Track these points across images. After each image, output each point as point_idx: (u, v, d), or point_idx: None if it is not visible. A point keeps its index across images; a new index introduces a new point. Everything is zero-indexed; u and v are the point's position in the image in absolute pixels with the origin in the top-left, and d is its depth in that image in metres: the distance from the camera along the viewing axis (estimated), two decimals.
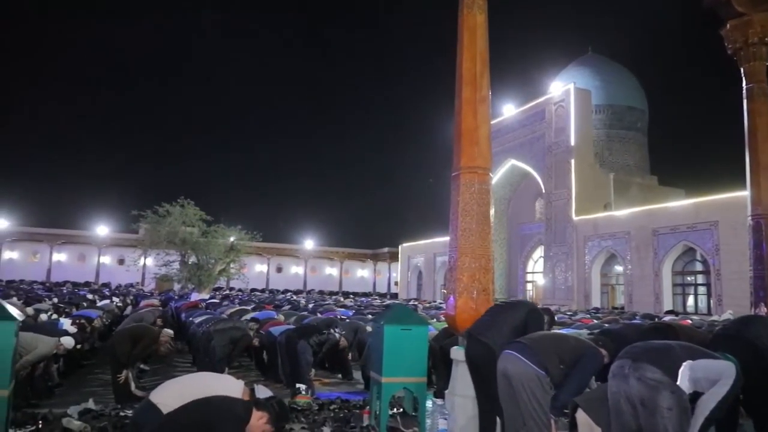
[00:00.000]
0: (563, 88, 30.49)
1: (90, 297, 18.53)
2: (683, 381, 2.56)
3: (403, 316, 5.51)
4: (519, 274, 35.36)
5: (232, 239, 27.69)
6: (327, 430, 5.17)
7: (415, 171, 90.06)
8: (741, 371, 2.77)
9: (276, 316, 10.33)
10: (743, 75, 8.65)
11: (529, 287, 35.08)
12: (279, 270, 54.37)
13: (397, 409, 6.00)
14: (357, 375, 8.55)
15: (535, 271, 34.44)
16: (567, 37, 71.25)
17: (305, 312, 13.01)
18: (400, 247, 46.67)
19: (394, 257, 51.16)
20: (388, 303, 23.51)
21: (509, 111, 33.60)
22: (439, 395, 6.69)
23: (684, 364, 2.63)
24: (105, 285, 38.09)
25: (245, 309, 11.94)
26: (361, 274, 58.81)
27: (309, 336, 7.38)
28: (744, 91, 8.63)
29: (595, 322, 11.46)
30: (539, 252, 33.21)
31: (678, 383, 2.57)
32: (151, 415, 3.37)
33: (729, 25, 8.70)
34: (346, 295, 35.37)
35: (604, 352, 3.80)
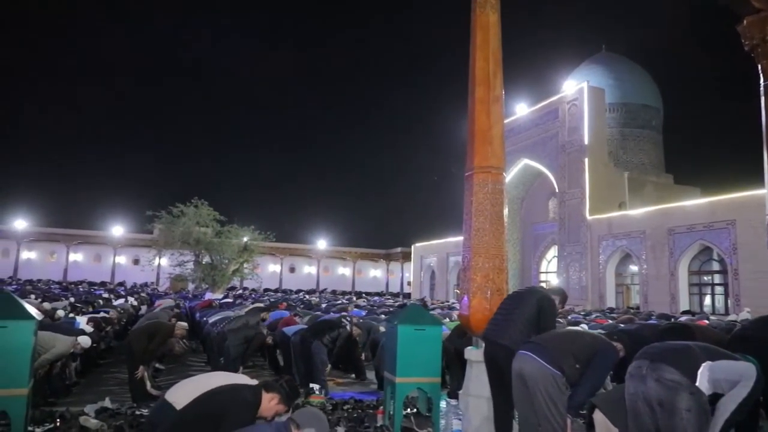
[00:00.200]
0: (577, 86, 30.25)
1: (105, 296, 18.76)
2: (702, 382, 2.52)
3: (417, 316, 5.51)
4: (532, 274, 35.15)
5: (245, 239, 27.84)
6: (341, 430, 5.18)
7: (428, 171, 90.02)
8: (762, 372, 2.72)
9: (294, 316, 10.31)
10: (761, 72, 8.51)
11: (543, 287, 34.76)
12: (292, 270, 54.58)
13: (411, 410, 5.99)
14: (370, 375, 8.56)
15: (549, 271, 34.21)
16: (580, 36, 70.78)
17: (318, 312, 13.04)
18: (412, 247, 46.59)
19: (406, 257, 51.10)
20: (400, 303, 23.50)
21: (522, 110, 33.41)
22: (453, 396, 6.67)
23: (703, 365, 2.58)
24: (120, 284, 38.51)
25: (259, 306, 11.97)
26: (374, 274, 58.84)
27: (322, 335, 7.40)
28: (762, 88, 8.48)
29: (610, 322, 11.36)
30: (553, 252, 32.99)
31: (697, 384, 2.53)
32: (167, 414, 3.41)
33: (746, 22, 8.55)
34: (358, 295, 35.36)
35: (619, 346, 3.76)
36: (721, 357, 2.71)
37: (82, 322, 8.00)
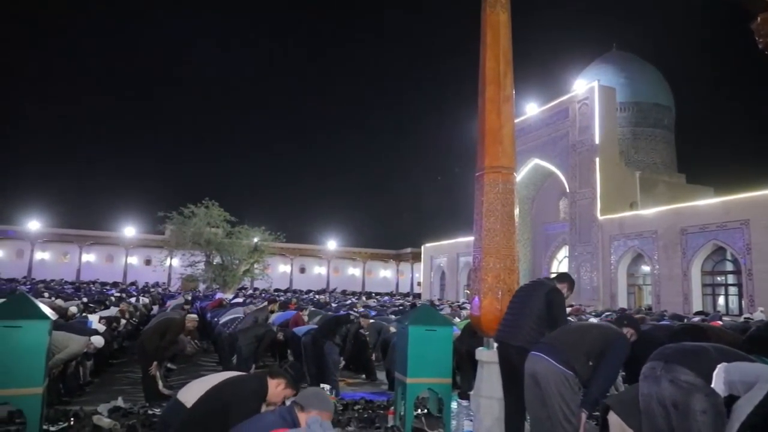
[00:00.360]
0: (587, 85, 30.06)
1: (117, 295, 18.93)
2: (718, 384, 2.48)
3: (428, 316, 5.50)
4: (543, 274, 34.94)
5: (255, 240, 27.95)
6: (351, 430, 5.18)
7: (438, 171, 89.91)
8: None
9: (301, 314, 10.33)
10: None
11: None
12: (302, 270, 54.70)
13: (422, 410, 5.99)
14: (381, 376, 8.56)
15: (560, 271, 34.04)
16: (591, 35, 70.23)
17: (329, 312, 13.05)
18: (422, 248, 46.52)
19: (416, 257, 51.04)
20: (406, 302, 23.48)
21: (532, 110, 33.25)
22: (464, 396, 6.66)
23: (718, 366, 2.54)
24: (132, 284, 38.84)
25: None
26: (384, 274, 58.83)
27: (333, 335, 7.41)
28: None
29: None
30: (564, 252, 32.80)
31: (712, 386, 2.50)
32: (178, 413, 3.45)
33: (759, 19, 8.48)
34: (368, 296, 35.39)
35: (629, 331, 3.75)
36: (737, 358, 2.67)
37: (94, 320, 8.07)
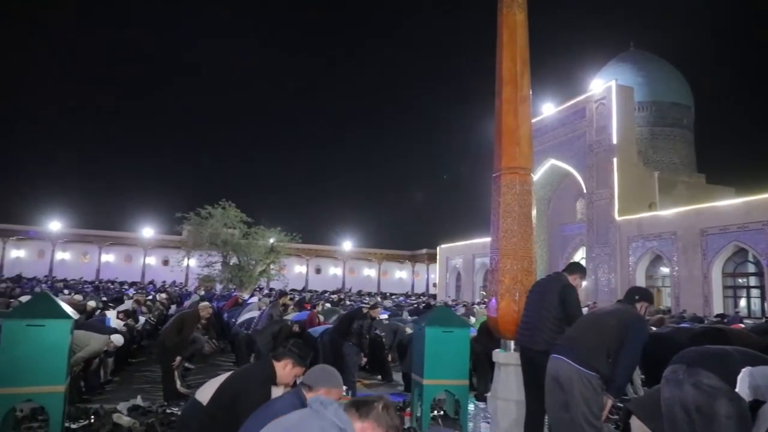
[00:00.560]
0: (604, 85, 29.74)
1: (133, 292, 19.23)
2: (742, 388, 2.43)
3: (445, 318, 5.49)
4: None
5: (272, 241, 28.07)
6: None
7: (454, 172, 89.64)
8: None
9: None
10: None
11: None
12: (318, 271, 54.86)
13: (438, 412, 5.97)
14: (397, 377, 8.55)
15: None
16: (608, 34, 69.61)
17: (343, 311, 13.08)
18: (438, 248, 46.39)
19: (432, 258, 50.91)
20: (420, 301, 23.42)
21: (549, 110, 32.99)
22: (481, 398, 6.62)
23: (743, 370, 2.49)
24: (150, 283, 39.39)
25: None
26: (399, 275, 58.75)
27: (349, 333, 7.41)
28: None
29: None
30: (581, 253, 32.47)
31: (736, 390, 2.45)
32: (196, 412, 3.50)
33: None
34: (384, 296, 35.41)
35: (643, 305, 3.75)
36: (762, 362, 2.62)
37: (112, 317, 8.18)
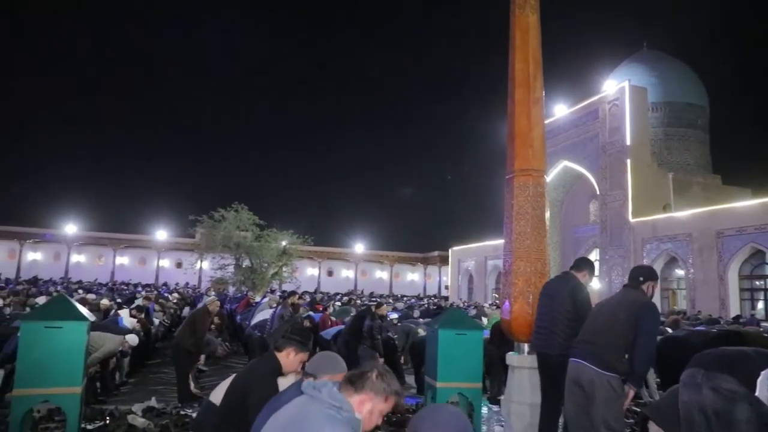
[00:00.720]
0: (617, 86, 29.49)
1: (144, 293, 19.40)
2: (762, 392, 2.39)
3: (458, 320, 5.47)
4: None
5: (284, 243, 28.18)
6: None
7: (466, 174, 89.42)
8: None
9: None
10: None
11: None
12: (330, 273, 54.97)
13: None
14: (410, 380, 8.54)
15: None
16: (621, 34, 69.09)
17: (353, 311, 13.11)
18: (450, 251, 46.27)
19: (444, 261, 50.80)
20: (435, 303, 23.38)
21: (561, 111, 32.79)
22: (494, 401, 6.59)
23: (762, 373, 2.45)
24: (164, 285, 39.75)
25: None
26: (411, 277, 58.69)
27: (361, 335, 7.42)
28: None
29: None
30: (594, 255, 32.17)
31: (756, 394, 2.41)
32: (210, 414, 3.54)
33: None
34: (396, 299, 35.39)
35: (650, 285, 3.90)
36: None
37: (125, 316, 8.26)
